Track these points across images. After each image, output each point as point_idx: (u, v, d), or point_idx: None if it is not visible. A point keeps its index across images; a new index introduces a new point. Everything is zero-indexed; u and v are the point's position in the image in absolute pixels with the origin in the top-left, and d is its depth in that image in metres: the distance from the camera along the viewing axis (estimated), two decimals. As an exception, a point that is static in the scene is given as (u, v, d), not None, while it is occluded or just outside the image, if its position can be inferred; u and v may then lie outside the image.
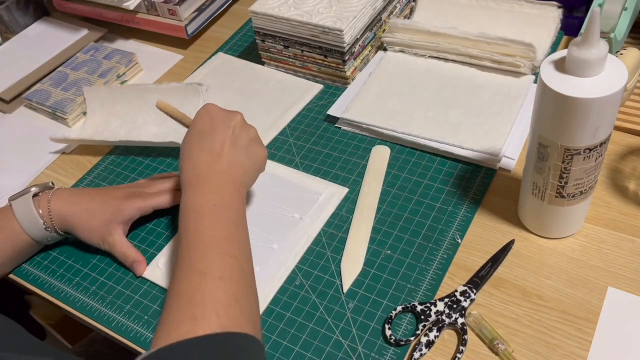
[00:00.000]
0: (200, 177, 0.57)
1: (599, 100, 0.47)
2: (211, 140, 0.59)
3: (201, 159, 0.58)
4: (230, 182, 0.58)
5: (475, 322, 0.56)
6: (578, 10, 0.84)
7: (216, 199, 0.56)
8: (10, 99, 0.90)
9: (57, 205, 0.64)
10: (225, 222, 0.54)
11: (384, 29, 0.85)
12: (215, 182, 0.57)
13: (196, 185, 0.57)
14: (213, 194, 0.56)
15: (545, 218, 0.60)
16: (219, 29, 1.00)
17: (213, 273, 0.49)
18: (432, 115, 0.73)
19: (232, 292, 0.49)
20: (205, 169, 0.58)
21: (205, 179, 0.57)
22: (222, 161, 0.58)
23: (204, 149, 0.59)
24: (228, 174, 0.58)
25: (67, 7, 1.03)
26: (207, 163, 0.58)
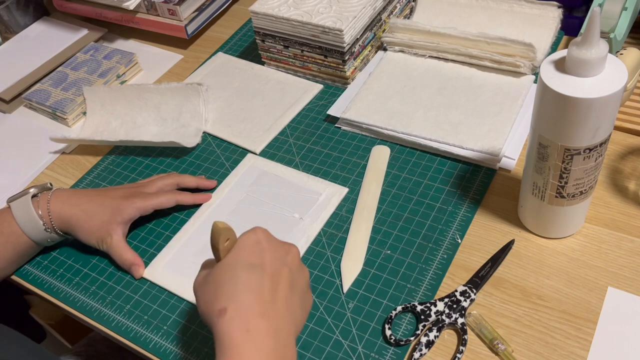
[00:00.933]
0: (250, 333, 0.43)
1: (599, 100, 0.47)
2: (262, 276, 0.45)
3: (250, 300, 0.44)
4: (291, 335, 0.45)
5: (475, 322, 0.56)
6: (578, 10, 0.84)
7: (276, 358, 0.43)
8: (10, 99, 0.90)
9: (56, 207, 0.64)
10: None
11: (384, 29, 0.85)
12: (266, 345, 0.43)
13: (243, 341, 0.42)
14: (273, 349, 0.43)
15: (545, 218, 0.60)
16: (219, 29, 1.00)
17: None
18: (432, 115, 0.73)
19: None
20: (257, 318, 0.43)
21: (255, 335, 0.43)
22: (279, 308, 0.45)
23: (253, 286, 0.45)
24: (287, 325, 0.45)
25: (67, 7, 1.03)
26: (260, 311, 0.44)
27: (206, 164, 0.76)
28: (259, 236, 0.47)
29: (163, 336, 0.60)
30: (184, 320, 0.61)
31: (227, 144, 0.78)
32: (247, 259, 0.46)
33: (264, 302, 0.44)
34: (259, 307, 0.44)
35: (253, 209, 0.69)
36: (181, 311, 0.61)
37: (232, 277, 0.45)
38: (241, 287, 0.44)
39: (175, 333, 0.60)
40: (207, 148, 0.78)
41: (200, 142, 0.79)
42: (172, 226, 0.69)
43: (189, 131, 0.79)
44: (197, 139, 0.78)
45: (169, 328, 0.60)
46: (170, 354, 0.58)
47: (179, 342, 0.59)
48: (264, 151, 0.76)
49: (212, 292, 0.45)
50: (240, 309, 0.43)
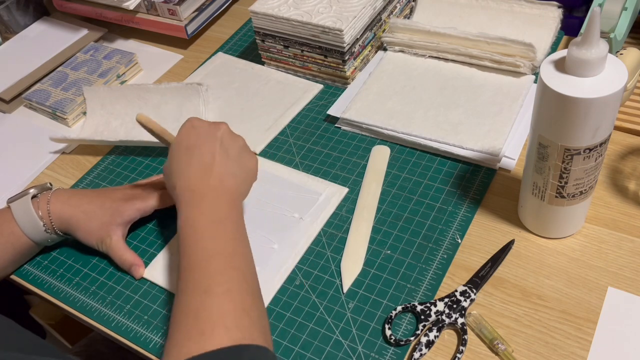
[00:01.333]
0: (195, 193, 0.56)
1: (599, 100, 0.47)
2: (200, 154, 0.58)
3: (192, 174, 0.57)
4: (225, 195, 0.57)
5: (475, 322, 0.56)
6: (578, 10, 0.84)
7: (214, 215, 0.54)
8: (10, 99, 0.90)
9: (56, 207, 0.64)
10: (225, 237, 0.54)
11: (384, 29, 0.85)
12: (210, 197, 0.56)
13: (192, 201, 0.55)
14: (210, 209, 0.55)
15: (545, 218, 0.60)
16: (219, 29, 1.00)
17: (217, 288, 0.49)
18: (432, 115, 0.73)
19: (240, 304, 0.48)
20: (199, 184, 0.56)
21: (200, 194, 0.56)
22: (214, 174, 0.57)
23: (193, 164, 0.57)
24: (222, 188, 0.57)
25: (67, 7, 1.03)
26: (200, 178, 0.56)
27: (206, 164, 0.76)
28: (192, 122, 0.60)
29: (163, 336, 0.60)
30: (184, 320, 0.61)
31: (227, 144, 0.78)
32: (185, 142, 0.58)
33: (203, 171, 0.57)
34: (199, 175, 0.56)
35: (253, 209, 0.69)
36: (181, 311, 0.61)
37: (177, 159, 0.58)
38: (183, 166, 0.57)
39: (175, 333, 0.60)
40: (207, 148, 0.78)
41: (200, 142, 0.79)
42: (173, 226, 0.69)
43: (189, 131, 0.79)
44: (197, 139, 0.78)
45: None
46: (170, 354, 0.58)
47: (179, 342, 0.59)
48: (264, 151, 0.76)
49: (166, 175, 0.60)
50: (186, 181, 0.56)
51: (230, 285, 0.49)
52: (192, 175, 0.57)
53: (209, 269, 0.50)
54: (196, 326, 0.46)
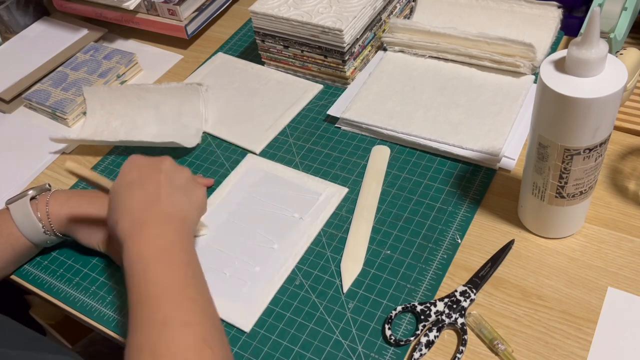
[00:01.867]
0: (139, 222, 0.53)
1: (599, 100, 0.47)
2: (143, 186, 0.55)
3: (136, 205, 0.54)
4: (173, 222, 0.54)
5: (475, 322, 0.56)
6: (578, 10, 0.84)
7: (161, 242, 0.52)
8: (10, 99, 0.90)
9: (55, 209, 0.64)
10: (176, 264, 0.51)
11: (384, 29, 0.85)
12: (157, 225, 0.53)
13: (136, 232, 0.52)
14: (157, 237, 0.52)
15: (545, 218, 0.60)
16: (219, 29, 1.00)
17: (173, 321, 0.46)
18: (432, 115, 0.73)
19: (200, 336, 0.46)
20: (143, 214, 0.53)
21: (145, 223, 0.53)
22: (161, 203, 0.54)
23: (136, 196, 0.55)
24: (169, 214, 0.54)
25: (67, 7, 1.03)
26: (144, 208, 0.54)
27: (206, 164, 0.76)
28: (133, 161, 0.58)
29: (163, 336, 0.60)
30: (184, 320, 0.61)
31: (227, 144, 0.78)
32: (126, 180, 0.56)
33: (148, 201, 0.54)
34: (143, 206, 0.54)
35: (253, 209, 0.69)
36: (181, 311, 0.61)
37: (119, 198, 0.55)
38: (126, 202, 0.55)
39: (175, 333, 0.60)
40: (207, 148, 0.78)
41: (200, 142, 0.79)
42: (172, 226, 0.69)
43: (189, 131, 0.79)
44: (197, 139, 0.78)
45: (169, 328, 0.60)
46: (170, 354, 0.58)
47: (179, 342, 0.59)
48: (264, 151, 0.76)
49: (109, 216, 0.56)
50: (127, 215, 0.54)
51: (187, 317, 0.47)
52: (135, 207, 0.54)
53: (163, 301, 0.47)
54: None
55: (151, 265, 0.50)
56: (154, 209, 0.54)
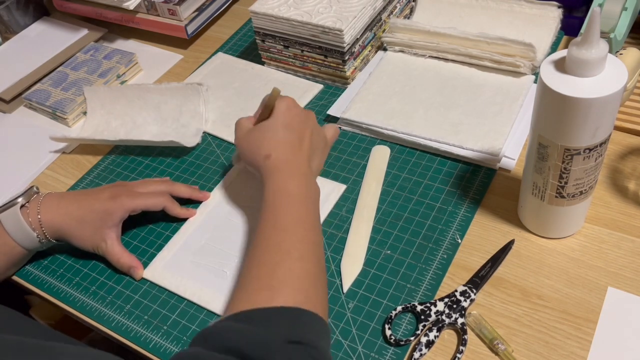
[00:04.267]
0: (292, 165, 0.60)
1: (599, 100, 0.47)
2: (295, 134, 0.62)
3: (289, 148, 0.61)
4: (313, 175, 0.62)
5: (475, 322, 0.56)
6: (578, 10, 0.84)
7: (305, 188, 0.59)
8: (10, 99, 0.90)
9: (47, 217, 0.63)
10: (311, 210, 0.58)
11: (384, 29, 0.85)
12: (303, 173, 0.60)
13: (289, 170, 0.59)
14: (303, 182, 0.59)
15: (545, 218, 0.60)
16: (219, 29, 1.00)
17: (295, 253, 0.52)
18: (432, 115, 0.73)
19: (312, 273, 0.52)
20: (294, 158, 0.60)
21: (296, 167, 0.60)
22: (304, 157, 0.61)
23: (290, 141, 0.61)
24: (310, 168, 0.62)
25: (67, 7, 1.03)
26: (295, 154, 0.61)
27: (206, 164, 0.76)
28: (288, 103, 0.64)
29: (163, 336, 0.60)
30: (184, 320, 0.61)
31: (227, 144, 0.78)
32: (282, 120, 0.62)
33: (295, 150, 0.61)
34: (292, 152, 0.61)
35: (252, 208, 0.69)
36: (181, 311, 0.61)
37: (274, 133, 0.62)
38: (280, 140, 0.61)
39: (175, 333, 0.60)
40: (207, 148, 0.78)
41: (200, 142, 0.79)
42: (172, 226, 0.69)
43: (189, 131, 0.79)
44: (197, 139, 0.78)
45: (169, 328, 0.60)
46: (170, 354, 0.58)
47: (179, 342, 0.59)
48: (264, 151, 0.76)
49: (257, 142, 0.62)
50: (280, 152, 0.60)
51: (306, 254, 0.53)
52: (288, 150, 0.61)
53: (294, 234, 0.54)
54: (268, 281, 0.50)
55: (295, 203, 0.57)
56: (301, 159, 0.61)
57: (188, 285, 0.63)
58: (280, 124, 0.62)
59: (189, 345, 0.47)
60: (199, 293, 0.62)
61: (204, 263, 0.65)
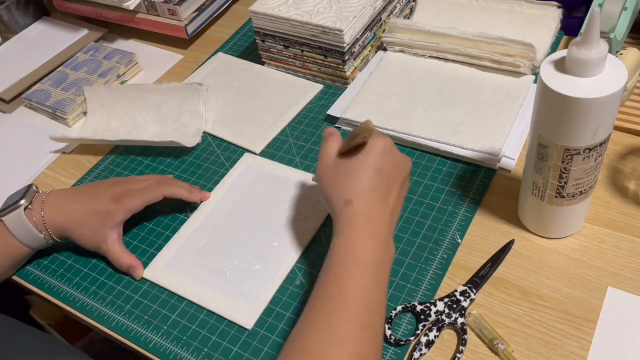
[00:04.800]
0: (373, 221, 0.52)
1: (599, 100, 0.47)
2: (384, 183, 0.54)
3: (373, 199, 0.53)
4: (390, 237, 0.54)
5: (475, 322, 0.56)
6: (578, 10, 0.84)
7: (379, 257, 0.51)
8: (10, 99, 0.90)
9: (51, 217, 0.63)
10: (381, 288, 0.50)
11: (384, 29, 0.85)
12: (380, 234, 0.52)
13: (367, 228, 0.52)
14: (377, 248, 0.51)
15: (545, 218, 0.60)
16: (219, 29, 1.00)
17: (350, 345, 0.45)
18: (432, 115, 0.73)
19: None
20: (376, 213, 0.53)
21: (377, 224, 0.52)
22: (388, 209, 0.54)
23: (377, 190, 0.54)
24: (389, 226, 0.54)
25: (67, 7, 1.03)
26: (379, 207, 0.53)
27: (206, 164, 0.76)
28: (386, 145, 0.56)
29: (163, 336, 0.60)
30: (184, 320, 0.61)
31: (227, 144, 0.78)
32: (375, 163, 0.55)
33: (380, 202, 0.54)
34: (377, 204, 0.53)
35: (252, 208, 0.69)
36: (181, 311, 0.61)
37: (360, 175, 0.54)
38: (366, 186, 0.54)
39: (175, 333, 0.60)
40: (207, 148, 0.78)
41: (200, 142, 0.79)
42: (172, 226, 0.69)
43: (189, 131, 0.79)
44: (197, 139, 0.78)
45: (169, 328, 0.60)
46: (170, 354, 0.58)
47: (179, 342, 0.59)
48: (264, 151, 0.76)
49: (340, 183, 0.55)
50: (363, 202, 0.53)
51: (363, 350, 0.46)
52: (372, 200, 0.53)
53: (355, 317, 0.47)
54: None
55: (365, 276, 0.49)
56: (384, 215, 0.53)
57: (188, 285, 0.63)
58: (372, 166, 0.54)
59: None
60: (199, 293, 0.62)
61: (204, 263, 0.65)
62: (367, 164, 0.54)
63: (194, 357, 0.58)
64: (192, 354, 0.58)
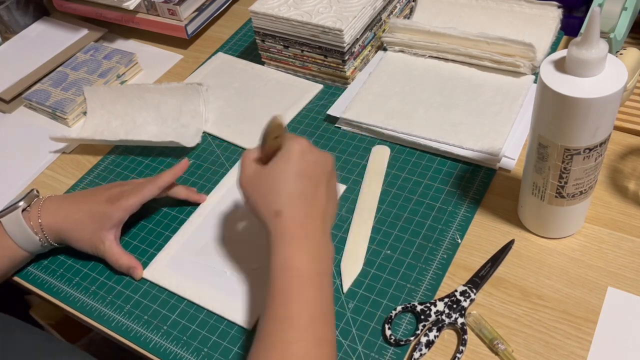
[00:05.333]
0: (305, 229, 0.52)
1: (599, 100, 0.47)
2: (310, 185, 0.53)
3: (302, 204, 0.52)
4: (326, 239, 0.53)
5: (475, 322, 0.56)
6: (578, 10, 0.84)
7: (319, 264, 0.51)
8: (10, 99, 0.90)
9: (48, 220, 0.64)
10: (326, 295, 0.50)
11: (384, 29, 0.85)
12: (316, 240, 0.52)
13: (301, 238, 0.51)
14: (315, 256, 0.51)
15: (545, 218, 0.60)
16: (219, 29, 1.00)
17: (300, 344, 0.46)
18: (432, 115, 0.73)
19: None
20: (307, 220, 0.52)
21: (311, 231, 0.52)
22: (318, 212, 0.53)
23: (304, 195, 0.53)
24: (324, 229, 0.53)
25: (67, 7, 1.03)
26: (309, 211, 0.52)
27: (206, 164, 0.76)
28: (303, 146, 0.54)
29: (163, 336, 0.60)
30: (184, 320, 0.61)
31: (227, 144, 0.78)
32: (296, 168, 0.53)
33: (310, 205, 0.53)
34: (306, 209, 0.52)
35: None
36: (181, 311, 0.61)
37: (284, 183, 0.53)
38: (293, 194, 0.52)
39: (175, 333, 0.60)
40: (207, 148, 0.78)
41: (200, 142, 0.79)
42: (172, 226, 0.69)
43: (189, 131, 0.79)
44: (197, 139, 0.78)
45: (169, 328, 0.60)
46: (170, 354, 0.58)
47: (179, 342, 0.59)
48: (264, 151, 0.76)
49: (266, 194, 0.54)
50: (294, 211, 0.52)
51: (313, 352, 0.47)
52: (302, 206, 0.52)
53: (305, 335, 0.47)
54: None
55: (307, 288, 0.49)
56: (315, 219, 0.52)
57: (188, 285, 0.63)
58: (294, 172, 0.53)
59: None
60: (199, 293, 0.62)
61: (204, 263, 0.65)
62: (289, 170, 0.53)
63: (194, 357, 0.58)
64: (192, 354, 0.58)
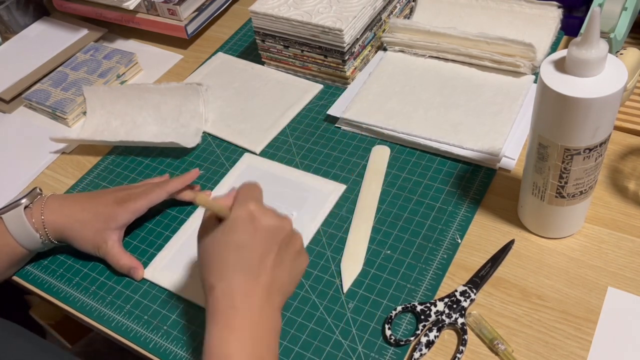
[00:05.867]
0: (235, 309, 0.46)
1: (599, 100, 0.47)
2: (250, 257, 0.47)
3: (236, 281, 0.47)
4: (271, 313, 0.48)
5: (475, 322, 0.56)
6: (578, 10, 0.84)
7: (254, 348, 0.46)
8: (10, 99, 0.90)
9: (50, 218, 0.63)
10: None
11: (384, 29, 0.85)
12: (251, 318, 0.46)
13: (228, 319, 0.46)
14: (248, 338, 0.46)
15: (545, 218, 0.60)
16: (219, 29, 1.00)
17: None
18: (432, 115, 0.73)
19: None
20: (241, 297, 0.47)
21: (240, 312, 0.46)
22: (260, 285, 0.47)
23: (240, 267, 0.47)
24: (269, 302, 0.48)
25: (67, 7, 1.03)
26: (246, 290, 0.47)
27: (206, 164, 0.76)
28: (251, 213, 0.48)
29: (163, 336, 0.60)
30: (184, 320, 0.61)
31: (227, 144, 0.78)
32: (238, 238, 0.47)
33: (250, 281, 0.47)
34: (245, 286, 0.47)
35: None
36: (181, 311, 0.61)
37: (222, 256, 0.47)
38: (230, 268, 0.47)
39: (175, 333, 0.60)
40: (207, 148, 0.78)
41: (200, 142, 0.79)
42: (172, 226, 0.70)
43: (189, 131, 0.79)
44: (197, 139, 0.78)
45: (169, 328, 0.60)
46: (170, 354, 0.58)
47: (179, 342, 0.59)
48: (264, 151, 0.76)
49: (207, 263, 0.49)
50: (227, 288, 0.47)
51: None
52: (235, 282, 0.47)
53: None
54: None
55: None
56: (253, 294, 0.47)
57: (188, 286, 0.63)
58: (234, 243, 0.47)
59: None
60: (199, 293, 0.62)
61: (204, 263, 0.65)
62: (228, 241, 0.47)
63: (194, 357, 0.58)
64: (192, 354, 0.58)
